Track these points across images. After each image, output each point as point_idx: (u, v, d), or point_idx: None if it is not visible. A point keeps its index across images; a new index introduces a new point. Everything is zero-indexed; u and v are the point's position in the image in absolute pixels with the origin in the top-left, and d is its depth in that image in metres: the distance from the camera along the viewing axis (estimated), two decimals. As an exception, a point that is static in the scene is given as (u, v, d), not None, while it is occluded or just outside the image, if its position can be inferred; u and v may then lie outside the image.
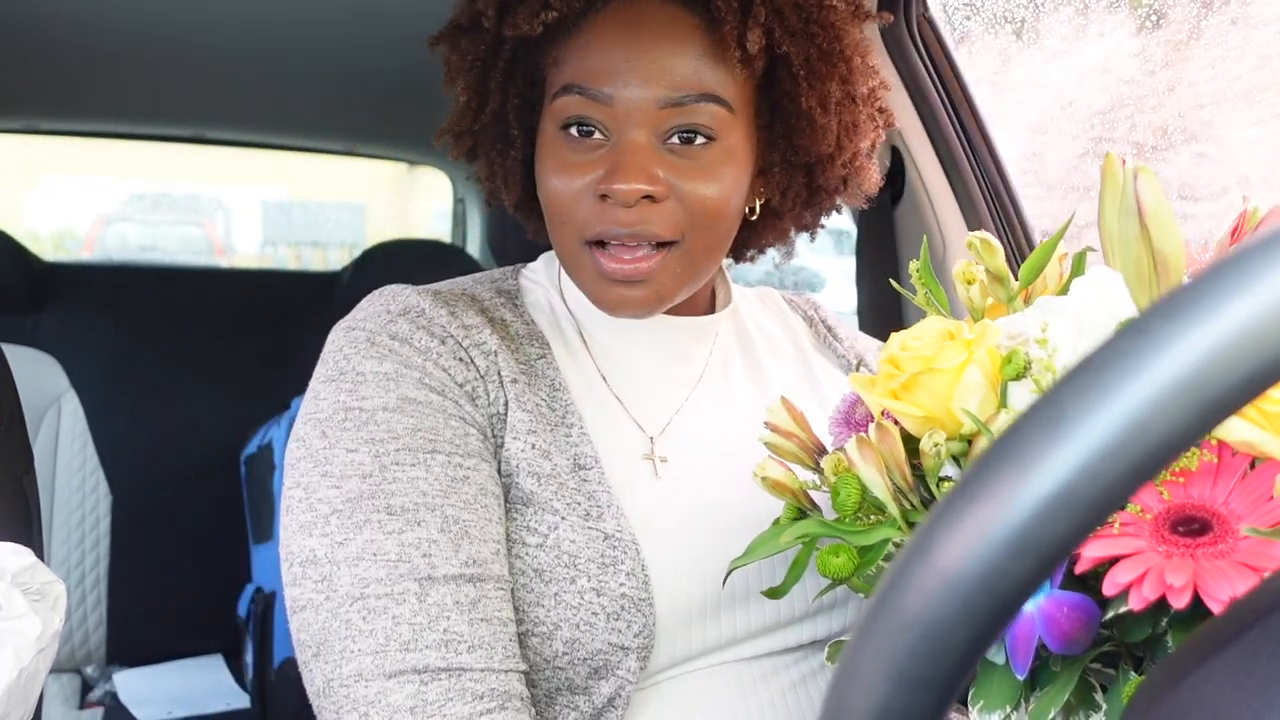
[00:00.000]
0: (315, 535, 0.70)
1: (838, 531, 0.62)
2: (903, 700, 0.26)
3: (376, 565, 0.68)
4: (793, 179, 0.85)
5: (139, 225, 9.87)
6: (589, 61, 0.76)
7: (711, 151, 0.77)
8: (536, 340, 0.83)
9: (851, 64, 0.81)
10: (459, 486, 0.72)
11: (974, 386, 0.58)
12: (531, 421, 0.76)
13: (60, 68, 1.95)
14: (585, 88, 0.76)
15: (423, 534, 0.69)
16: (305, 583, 0.70)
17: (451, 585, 0.69)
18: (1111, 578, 0.45)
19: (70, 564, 2.20)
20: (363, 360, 0.75)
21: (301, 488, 0.73)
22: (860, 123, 0.84)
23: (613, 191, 0.74)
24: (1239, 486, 0.47)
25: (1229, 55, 1.67)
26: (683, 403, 0.86)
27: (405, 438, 0.72)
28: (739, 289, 0.99)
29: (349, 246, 9.59)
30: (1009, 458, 0.25)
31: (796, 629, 0.81)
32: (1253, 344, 0.23)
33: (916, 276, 0.70)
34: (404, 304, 0.78)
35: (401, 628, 0.67)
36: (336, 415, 0.73)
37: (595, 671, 0.73)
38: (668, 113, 0.75)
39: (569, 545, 0.73)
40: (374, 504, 0.70)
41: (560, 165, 0.77)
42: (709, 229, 0.78)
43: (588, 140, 0.77)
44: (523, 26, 0.76)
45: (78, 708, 2.18)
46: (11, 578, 0.70)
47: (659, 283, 0.78)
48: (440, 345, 0.76)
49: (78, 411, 2.20)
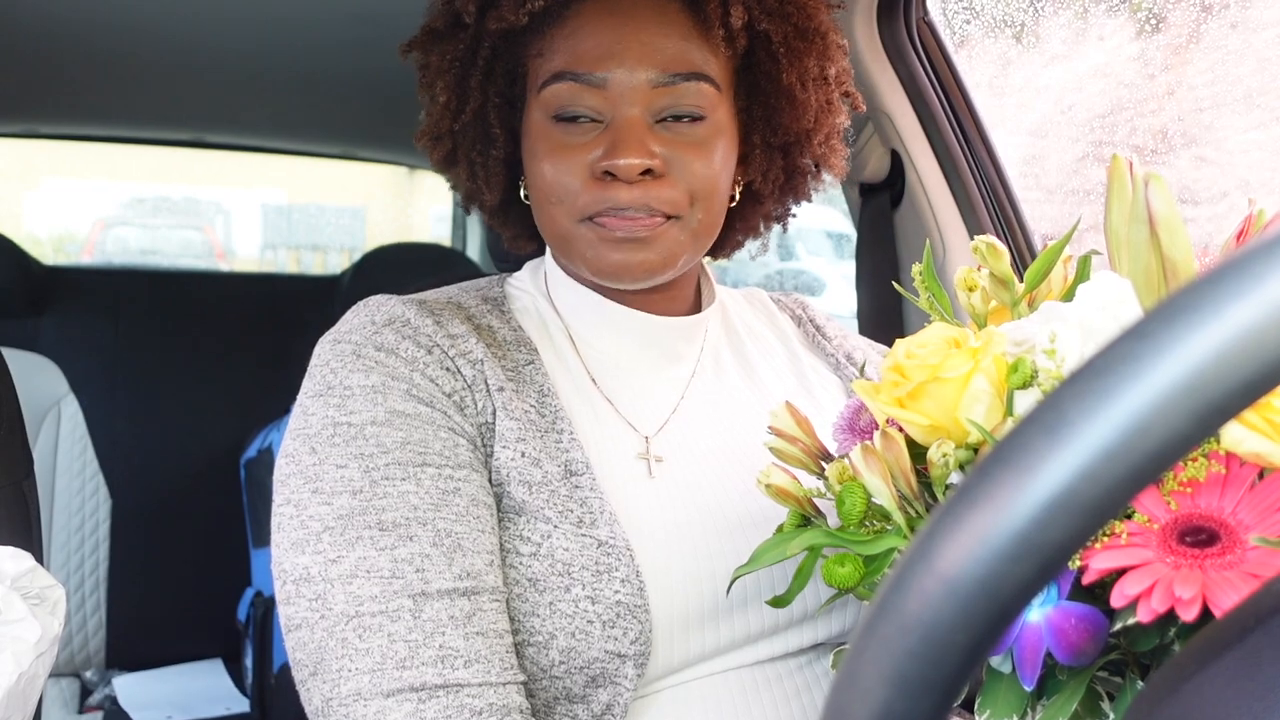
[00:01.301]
0: (308, 553, 0.70)
1: (843, 541, 0.61)
2: (903, 704, 0.26)
3: (370, 582, 0.68)
4: (772, 161, 0.87)
5: (139, 229, 9.86)
6: (579, 48, 0.77)
7: (702, 129, 0.79)
8: (524, 346, 0.82)
9: (827, 40, 0.84)
10: (450, 499, 0.71)
11: (980, 395, 0.57)
12: (520, 429, 0.75)
13: (61, 72, 1.95)
14: (578, 73, 0.77)
15: (415, 549, 0.69)
16: (299, 601, 0.70)
17: (446, 600, 0.68)
18: (1120, 589, 0.44)
19: (70, 568, 2.20)
20: (349, 374, 0.75)
21: (292, 504, 0.72)
22: (834, 101, 0.86)
23: (615, 167, 0.75)
24: (1247, 497, 0.47)
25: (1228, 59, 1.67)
26: (677, 402, 0.86)
27: (395, 452, 0.71)
28: (725, 290, 0.99)
29: (349, 250, 9.58)
30: (1009, 462, 0.25)
31: (797, 632, 0.80)
32: (1253, 347, 0.23)
33: (919, 280, 0.70)
34: (389, 314, 0.78)
35: (397, 645, 0.66)
36: (325, 431, 0.73)
37: (593, 680, 0.72)
38: (659, 93, 0.77)
39: (562, 554, 0.72)
40: (365, 520, 0.69)
41: (553, 148, 0.78)
42: (707, 204, 0.79)
43: (579, 125, 0.78)
44: (508, 18, 0.77)
45: (77, 712, 2.18)
46: (11, 582, 0.70)
47: (662, 246, 0.78)
48: (427, 355, 0.76)
49: (77, 415, 2.20)
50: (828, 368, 0.97)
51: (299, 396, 0.77)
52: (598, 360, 0.85)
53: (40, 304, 2.22)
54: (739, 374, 0.91)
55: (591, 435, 0.80)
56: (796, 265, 6.45)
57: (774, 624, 0.79)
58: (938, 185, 1.44)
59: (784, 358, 0.95)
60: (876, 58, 1.42)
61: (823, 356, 0.98)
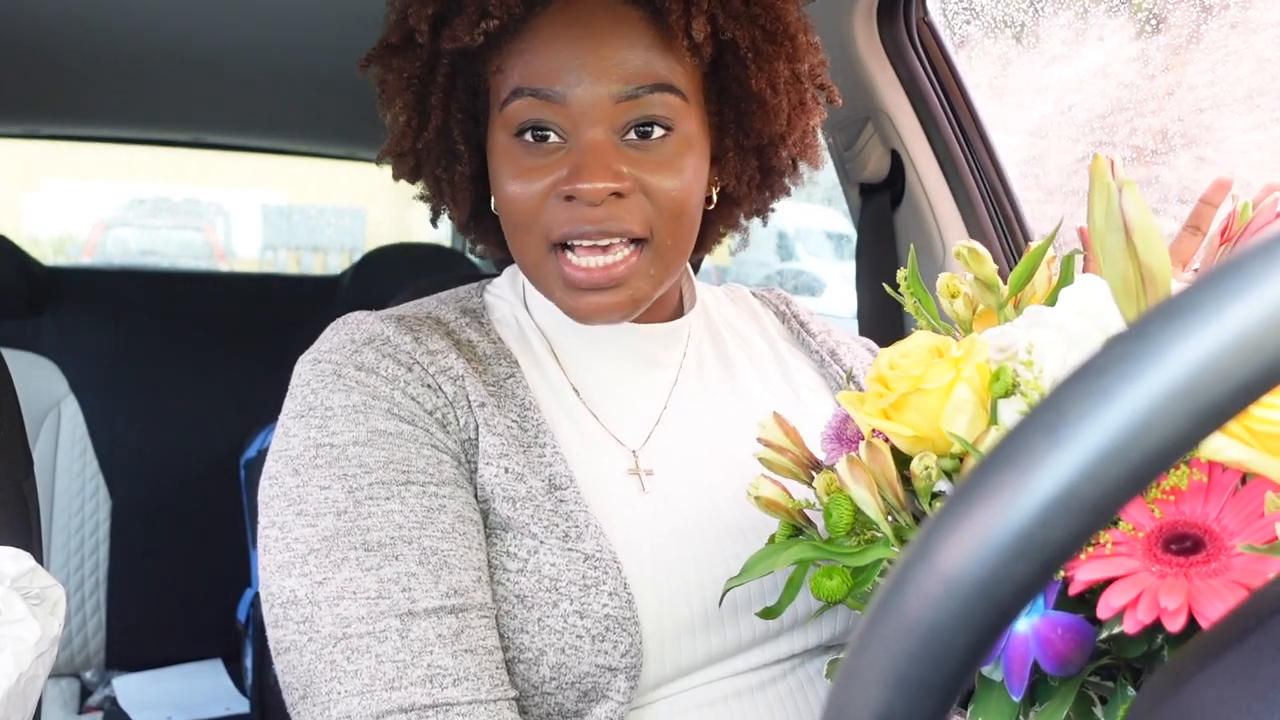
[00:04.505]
0: (294, 576, 0.69)
1: (831, 554, 0.61)
2: (903, 705, 0.26)
3: (357, 603, 0.67)
4: (745, 163, 0.84)
5: (139, 230, 9.87)
6: (536, 63, 0.75)
7: (670, 143, 0.76)
8: (505, 359, 0.81)
9: (796, 41, 0.81)
10: (435, 516, 0.71)
11: (963, 405, 0.57)
12: (503, 445, 0.75)
13: (61, 73, 1.95)
14: (537, 89, 0.75)
15: (401, 568, 0.68)
16: (288, 624, 0.69)
17: (433, 618, 0.68)
18: (1105, 601, 0.44)
19: (70, 568, 2.20)
20: (330, 394, 0.74)
21: (277, 527, 0.72)
22: (806, 101, 0.84)
23: (578, 192, 0.73)
24: (1230, 503, 0.47)
25: (1229, 59, 1.67)
26: (661, 410, 0.85)
27: (378, 471, 0.71)
28: (706, 288, 0.98)
29: (349, 251, 9.58)
30: (1009, 461, 0.25)
31: (788, 639, 0.80)
32: (1252, 348, 0.23)
33: (905, 285, 0.70)
34: (368, 333, 0.77)
35: (385, 666, 0.66)
36: (308, 452, 0.72)
37: (585, 694, 0.72)
38: (623, 107, 0.74)
39: (549, 569, 0.72)
40: (350, 541, 0.69)
41: (518, 171, 0.76)
42: (676, 222, 0.77)
43: (544, 145, 0.76)
44: (463, 38, 0.75)
45: (77, 712, 2.18)
46: (11, 582, 0.70)
47: (633, 286, 0.76)
48: (407, 373, 0.75)
49: (77, 416, 2.20)
50: (811, 365, 0.96)
51: (280, 417, 0.76)
52: (579, 371, 0.84)
53: (40, 304, 2.23)
54: (722, 375, 0.90)
55: (576, 448, 0.79)
56: (797, 266, 6.46)
57: (764, 632, 0.78)
58: (938, 185, 1.44)
59: (768, 356, 0.94)
60: (876, 58, 1.42)
61: (807, 353, 0.97)
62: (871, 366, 0.62)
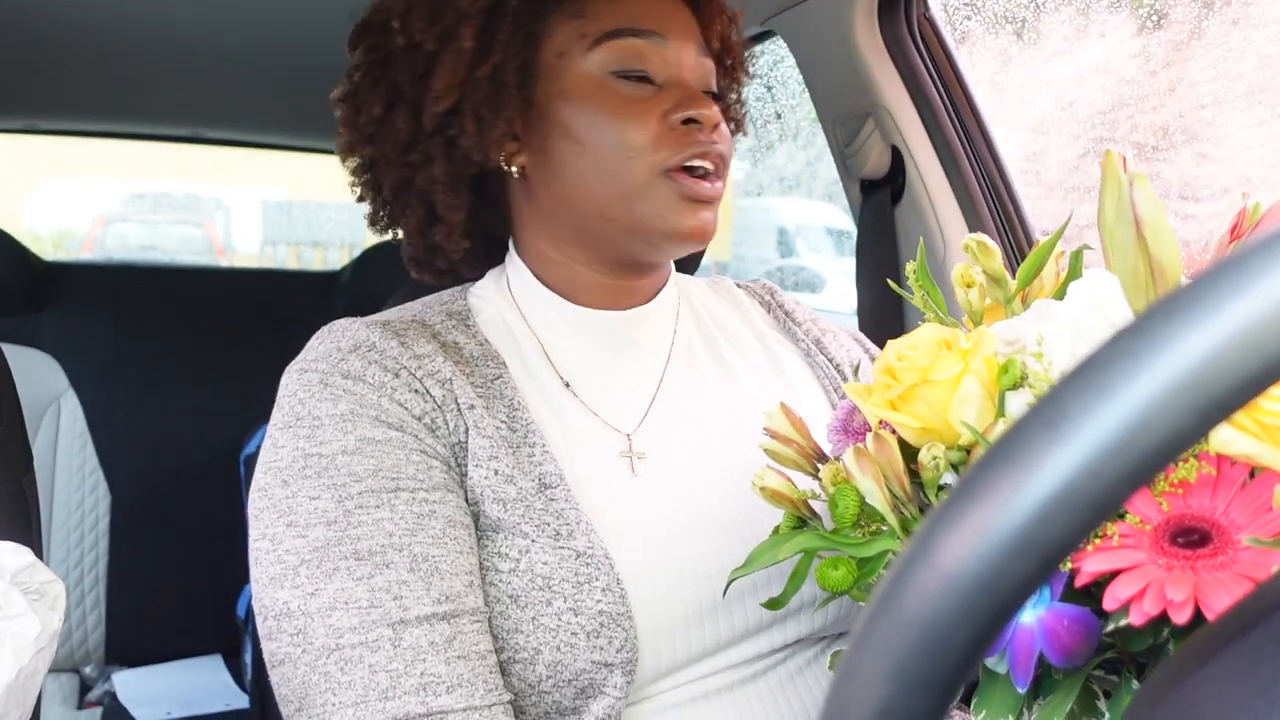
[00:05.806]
0: (286, 587, 0.69)
1: (837, 544, 0.61)
2: (904, 700, 0.26)
3: (349, 614, 0.67)
4: None
5: (139, 225, 9.87)
6: (635, 7, 0.81)
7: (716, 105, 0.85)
8: (492, 360, 0.81)
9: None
10: (425, 522, 0.71)
11: (971, 397, 0.57)
12: (492, 446, 0.75)
13: (60, 67, 1.95)
14: (639, 29, 0.80)
15: (392, 576, 0.68)
16: (281, 637, 0.69)
17: (425, 626, 0.68)
18: (1112, 593, 0.44)
19: (69, 563, 2.20)
20: (317, 403, 0.74)
21: (268, 539, 0.71)
22: None
23: (702, 116, 0.79)
24: (1238, 497, 0.47)
25: (1230, 55, 1.67)
26: (654, 394, 0.85)
27: (367, 480, 0.71)
28: (690, 279, 0.99)
29: (349, 246, 9.59)
30: (1010, 457, 0.25)
31: (781, 629, 0.80)
32: (1254, 343, 0.23)
33: (914, 278, 0.70)
34: (354, 339, 0.77)
35: (379, 676, 0.66)
36: (296, 463, 0.72)
37: (582, 692, 0.72)
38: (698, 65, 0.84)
39: (542, 568, 0.71)
40: (341, 550, 0.69)
41: (623, 102, 0.80)
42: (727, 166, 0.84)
43: (639, 84, 0.80)
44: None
45: (76, 708, 2.18)
46: (10, 577, 0.70)
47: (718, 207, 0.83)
48: (394, 379, 0.75)
49: (77, 411, 2.20)
50: (798, 354, 0.96)
51: (268, 427, 0.76)
52: (569, 364, 0.84)
53: (40, 300, 2.23)
54: (712, 363, 0.90)
55: (566, 442, 0.79)
56: (797, 262, 6.46)
57: (759, 621, 0.78)
58: (938, 181, 1.43)
59: (755, 346, 0.95)
60: (877, 54, 1.42)
61: (794, 342, 0.97)
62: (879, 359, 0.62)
